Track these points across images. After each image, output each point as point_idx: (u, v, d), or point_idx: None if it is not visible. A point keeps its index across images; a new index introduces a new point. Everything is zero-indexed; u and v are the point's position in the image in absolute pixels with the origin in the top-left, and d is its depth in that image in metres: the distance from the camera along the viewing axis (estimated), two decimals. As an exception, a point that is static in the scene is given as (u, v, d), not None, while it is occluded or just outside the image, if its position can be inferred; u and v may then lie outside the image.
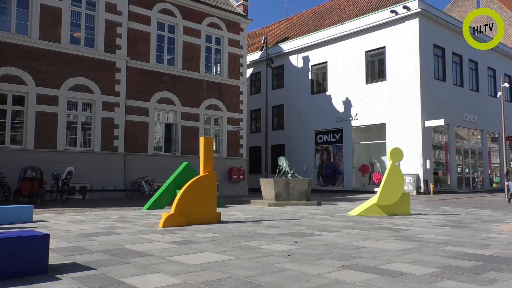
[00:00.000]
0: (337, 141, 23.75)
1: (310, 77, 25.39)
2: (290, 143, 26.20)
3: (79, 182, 15.89)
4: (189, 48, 20.28)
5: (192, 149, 19.92)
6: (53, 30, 16.01)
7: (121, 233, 6.40)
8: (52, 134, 15.74)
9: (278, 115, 27.43)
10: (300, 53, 25.97)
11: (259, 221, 8.36)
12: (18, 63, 15.13)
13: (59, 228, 6.99)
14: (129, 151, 17.89)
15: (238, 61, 22.31)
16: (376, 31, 21.99)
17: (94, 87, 16.85)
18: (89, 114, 16.90)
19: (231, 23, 22.10)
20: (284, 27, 30.83)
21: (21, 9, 15.48)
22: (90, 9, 17.10)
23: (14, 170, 14.09)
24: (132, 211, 10.73)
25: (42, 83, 15.61)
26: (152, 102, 18.84)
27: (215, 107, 21.12)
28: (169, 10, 19.69)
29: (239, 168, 21.46)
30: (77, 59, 16.50)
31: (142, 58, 18.65)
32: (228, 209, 11.76)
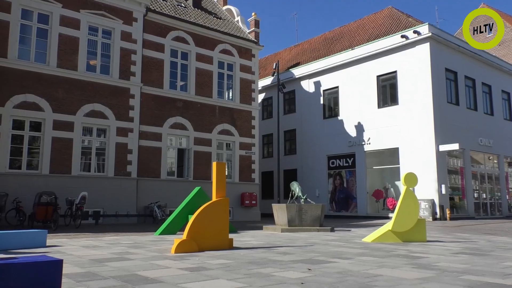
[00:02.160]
0: (350, 165, 23.57)
1: (321, 102, 25.49)
2: (302, 168, 26.08)
3: (92, 207, 15.96)
4: (201, 74, 20.63)
5: (204, 174, 19.95)
6: (70, 58, 16.48)
7: (133, 259, 6.37)
8: (67, 159, 15.97)
9: (290, 140, 27.45)
10: (311, 78, 26.18)
11: (271, 248, 8.25)
12: (36, 90, 15.54)
13: (72, 254, 6.99)
14: (142, 176, 18.00)
15: (250, 86, 22.57)
16: (387, 56, 22.12)
17: (108, 113, 17.16)
18: (103, 140, 17.14)
19: (243, 50, 22.49)
20: (295, 53, 31.24)
21: (40, 39, 16.02)
22: (106, 37, 17.61)
23: (29, 195, 14.25)
24: (145, 237, 10.69)
25: (58, 110, 15.96)
26: (165, 128, 19.05)
27: (228, 132, 21.25)
28: (182, 38, 20.16)
29: (251, 193, 21.36)
30: (92, 86, 16.88)
31: (156, 84, 19.00)
32: (241, 234, 11.64)
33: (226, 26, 22.93)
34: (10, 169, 14.90)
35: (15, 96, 15.09)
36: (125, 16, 18.04)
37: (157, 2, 20.54)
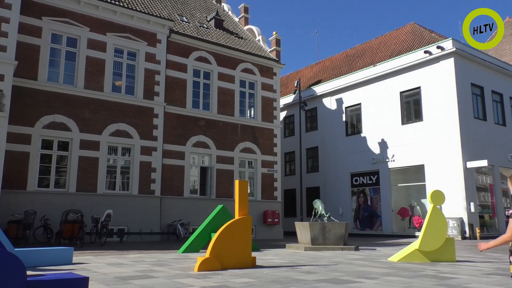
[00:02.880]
0: (374, 183, 23.17)
1: (344, 119, 25.33)
2: (325, 186, 25.80)
3: (117, 224, 16.16)
4: (223, 93, 20.89)
5: (226, 192, 19.98)
6: (97, 80, 16.99)
7: (157, 277, 6.38)
8: (93, 178, 16.30)
9: (312, 158, 27.27)
10: (333, 95, 26.12)
11: (295, 266, 8.13)
12: (64, 111, 16.04)
13: (97, 271, 7.07)
14: (165, 194, 18.17)
15: (272, 104, 22.67)
16: (410, 72, 21.90)
17: (133, 132, 17.51)
18: (128, 158, 17.45)
19: (264, 68, 22.71)
20: (316, 70, 31.32)
21: (69, 62, 16.61)
22: (131, 59, 18.12)
23: (56, 212, 14.56)
24: (168, 254, 10.72)
25: (85, 129, 16.40)
26: (188, 146, 19.28)
27: (249, 150, 21.31)
28: (204, 58, 20.54)
29: (273, 211, 21.22)
30: (118, 106, 17.31)
31: (179, 103, 19.33)
32: (263, 253, 11.54)
33: (248, 45, 23.25)
34: (38, 187, 15.30)
35: (44, 117, 15.61)
36: (149, 38, 18.56)
37: (180, 24, 21.07)
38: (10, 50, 13.48)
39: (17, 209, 13.92)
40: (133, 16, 18.06)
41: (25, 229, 13.35)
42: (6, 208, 13.56)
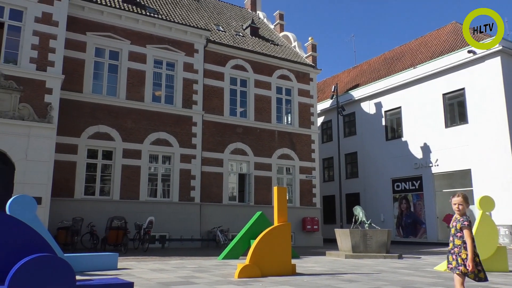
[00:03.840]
0: (417, 189, 22.42)
1: (383, 123, 24.75)
2: (365, 192, 25.24)
3: (158, 231, 16.53)
4: (260, 100, 20.98)
5: (265, 199, 19.98)
6: (138, 90, 17.56)
7: (198, 283, 6.45)
8: (136, 185, 16.80)
9: (352, 163, 26.78)
10: (371, 99, 25.61)
11: (336, 274, 7.97)
12: (108, 121, 16.68)
13: (141, 276, 7.24)
14: (204, 201, 18.42)
15: (309, 110, 22.53)
16: (453, 73, 21.12)
17: (173, 141, 17.91)
18: (168, 166, 17.86)
19: (300, 74, 22.63)
20: (354, 74, 30.85)
21: (111, 74, 17.29)
22: (169, 69, 18.60)
23: (102, 219, 15.10)
24: (208, 261, 10.83)
25: (127, 139, 16.96)
26: (226, 153, 19.47)
27: (287, 157, 21.24)
28: (241, 66, 20.75)
29: (312, 218, 20.98)
30: (158, 115, 17.79)
31: (216, 111, 19.60)
32: (303, 260, 11.41)
33: (283, 52, 23.29)
34: (85, 195, 15.95)
35: (89, 127, 16.30)
36: (187, 48, 18.99)
37: (217, 33, 21.43)
38: (58, 65, 14.20)
39: (66, 216, 14.56)
40: (171, 28, 18.56)
41: (73, 235, 13.94)
42: (55, 215, 14.21)
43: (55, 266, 3.76)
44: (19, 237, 3.93)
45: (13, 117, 13.06)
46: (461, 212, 4.21)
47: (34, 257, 3.73)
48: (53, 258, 3.81)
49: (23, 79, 13.44)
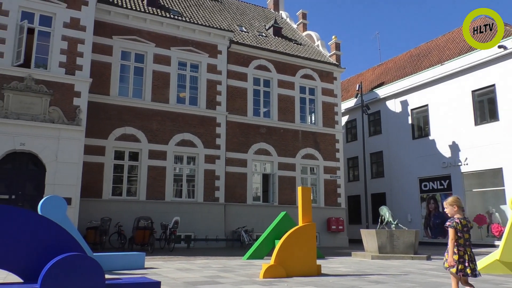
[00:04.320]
0: (445, 188, 21.85)
1: (410, 122, 24.25)
2: (391, 192, 24.80)
3: (184, 231, 16.73)
4: (283, 100, 20.93)
5: (289, 199, 19.92)
6: (163, 92, 17.82)
7: (224, 283, 6.49)
8: (161, 186, 17.05)
9: (377, 162, 26.36)
10: (397, 97, 25.14)
11: (362, 275, 7.87)
12: (134, 123, 17.00)
13: (167, 276, 7.35)
14: (229, 201, 18.52)
15: (333, 109, 22.32)
16: (482, 69, 20.48)
17: (197, 142, 18.09)
18: (192, 167, 18.05)
19: (324, 73, 22.45)
20: (378, 72, 30.37)
21: (137, 76, 17.62)
22: (193, 71, 18.80)
23: (129, 219, 15.41)
24: (233, 261, 10.88)
25: (153, 140, 17.24)
26: (250, 154, 19.52)
27: (311, 156, 21.10)
28: (264, 66, 20.76)
29: (337, 218, 20.77)
30: (182, 116, 18.00)
31: (240, 112, 19.68)
32: (328, 261, 11.32)
33: (307, 51, 23.15)
34: (112, 195, 16.31)
35: (116, 129, 16.65)
36: (211, 49, 19.15)
37: (240, 34, 21.52)
38: (85, 68, 14.58)
39: (94, 216, 14.93)
40: (195, 30, 18.75)
41: (102, 235, 14.27)
42: (84, 216, 14.58)
43: (85, 265, 3.86)
44: (51, 236, 4.05)
45: (44, 120, 13.50)
46: (450, 214, 4.72)
47: (65, 256, 3.84)
48: (83, 257, 3.91)
49: (52, 83, 13.88)
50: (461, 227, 4.52)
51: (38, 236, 3.99)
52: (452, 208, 4.66)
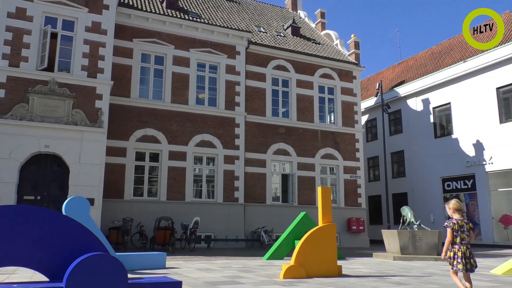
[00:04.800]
0: (469, 188, 21.35)
1: (431, 120, 23.80)
2: (413, 191, 24.38)
3: (204, 231, 16.84)
4: (302, 99, 20.85)
5: (308, 199, 19.82)
6: (182, 94, 17.99)
7: (244, 283, 6.51)
8: (181, 186, 17.21)
9: (398, 162, 25.97)
10: (418, 95, 24.71)
11: (384, 277, 7.76)
12: (154, 124, 17.22)
13: (188, 276, 7.41)
14: (248, 202, 18.55)
15: (352, 108, 22.11)
16: (508, 65, 19.91)
17: (216, 142, 18.19)
18: (212, 167, 18.16)
19: (343, 72, 22.25)
20: (399, 70, 29.91)
21: (157, 78, 17.84)
22: (212, 72, 18.92)
23: (150, 220, 15.62)
24: (253, 261, 10.90)
25: (173, 141, 17.42)
26: (269, 154, 19.51)
27: (331, 156, 20.95)
28: (282, 66, 20.72)
29: (358, 219, 20.55)
30: (201, 117, 18.14)
31: (259, 112, 19.69)
32: (349, 261, 11.21)
33: (325, 50, 23.00)
34: (134, 196, 16.56)
35: (137, 131, 16.90)
36: (229, 50, 19.23)
37: (258, 34, 21.54)
38: (107, 71, 14.86)
39: (116, 216, 15.18)
40: (213, 31, 18.86)
41: (124, 235, 14.50)
42: (107, 216, 14.85)
43: (109, 264, 3.93)
44: (75, 236, 4.14)
45: (67, 122, 13.82)
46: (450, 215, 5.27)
47: (89, 256, 3.92)
48: (106, 257, 3.98)
49: (75, 86, 14.19)
50: (458, 227, 5.02)
51: (62, 236, 4.09)
52: (451, 211, 5.21)
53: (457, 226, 5.03)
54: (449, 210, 5.25)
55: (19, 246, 3.92)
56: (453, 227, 5.03)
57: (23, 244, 3.93)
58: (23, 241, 3.93)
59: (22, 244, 3.93)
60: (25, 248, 3.95)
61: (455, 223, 5.05)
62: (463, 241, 5.00)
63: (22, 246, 3.93)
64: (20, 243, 3.92)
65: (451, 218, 5.16)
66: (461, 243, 4.99)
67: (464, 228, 5.03)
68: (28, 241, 3.95)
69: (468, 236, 5.03)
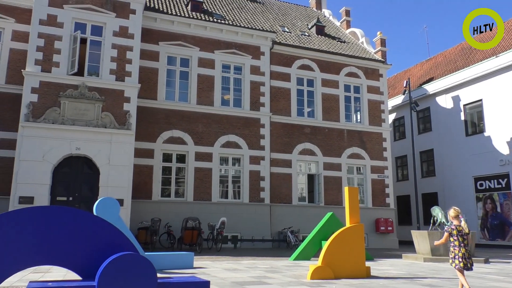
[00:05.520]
0: (504, 187, 20.61)
1: (462, 118, 23.12)
2: (443, 191, 23.74)
3: (230, 231, 16.93)
4: (328, 99, 20.65)
5: (335, 199, 19.62)
6: (207, 95, 18.15)
7: (271, 283, 6.50)
8: (208, 187, 17.37)
9: (428, 161, 25.34)
10: (448, 92, 24.05)
11: (414, 278, 7.59)
12: (180, 126, 17.44)
13: (215, 275, 7.46)
14: (274, 202, 18.52)
15: (379, 107, 21.73)
16: (542, 60, 19.12)
17: (242, 143, 18.26)
18: (238, 168, 18.23)
19: (369, 70, 21.92)
20: (427, 67, 29.20)
21: (182, 80, 18.07)
22: (237, 73, 19.00)
23: (177, 220, 15.82)
24: (280, 261, 10.87)
25: (199, 142, 17.60)
26: (294, 154, 19.42)
27: (357, 156, 20.66)
28: (307, 65, 20.59)
29: (386, 219, 20.18)
30: (227, 118, 18.24)
31: (284, 112, 19.64)
32: (378, 263, 11.02)
33: (351, 49, 22.71)
34: (161, 197, 16.82)
35: (164, 133, 17.16)
36: (254, 51, 19.26)
37: (282, 35, 21.48)
38: (134, 74, 15.17)
39: (145, 217, 15.47)
40: (238, 32, 18.95)
41: (152, 235, 14.75)
42: (135, 216, 15.15)
43: (139, 264, 4.01)
44: (106, 236, 4.24)
45: (97, 125, 14.19)
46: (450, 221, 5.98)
47: (120, 255, 4.00)
48: (137, 257, 4.06)
49: (104, 90, 14.55)
50: (456, 232, 5.72)
51: (94, 236, 4.19)
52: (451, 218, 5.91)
53: (456, 231, 5.73)
54: (449, 217, 5.98)
55: (53, 246, 4.05)
56: (451, 232, 5.78)
57: (57, 243, 4.06)
58: (57, 240, 4.06)
59: (56, 243, 4.06)
60: (59, 248, 4.07)
61: (454, 228, 5.77)
62: (461, 244, 5.65)
63: (56, 246, 4.06)
64: (54, 242, 4.05)
65: (451, 224, 5.89)
66: (460, 245, 5.65)
67: (462, 232, 5.70)
68: (62, 240, 4.07)
69: (466, 239, 5.68)
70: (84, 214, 4.27)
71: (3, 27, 15.25)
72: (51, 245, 4.04)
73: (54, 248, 4.05)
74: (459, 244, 5.65)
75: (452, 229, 5.78)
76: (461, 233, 5.69)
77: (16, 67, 15.05)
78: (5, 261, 3.88)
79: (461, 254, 5.60)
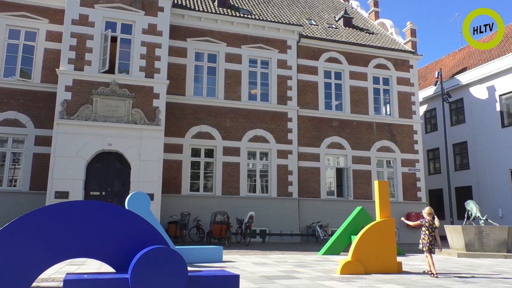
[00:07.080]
0: (543, 180, 19.73)
1: (498, 109, 22.25)
2: (478, 185, 22.98)
3: (259, 226, 17.01)
4: (356, 91, 20.32)
5: (365, 193, 19.34)
6: (235, 90, 18.22)
7: (300, 278, 6.49)
8: (236, 181, 17.48)
9: (461, 154, 24.57)
10: (482, 83, 23.18)
11: (448, 274, 7.41)
12: (208, 121, 17.61)
13: (244, 269, 7.52)
14: (302, 196, 18.45)
15: (410, 99, 21.20)
16: None
17: (269, 137, 18.25)
18: (265, 162, 18.25)
19: (399, 62, 21.39)
20: (460, 57, 28.23)
21: (210, 76, 18.21)
22: (264, 67, 18.96)
23: (206, 214, 16.03)
24: (309, 256, 10.84)
25: (227, 137, 17.72)
26: (322, 148, 19.25)
27: (387, 149, 20.27)
28: (334, 58, 20.31)
29: (418, 213, 19.71)
30: (254, 113, 18.26)
31: (311, 106, 19.47)
32: (409, 258, 10.82)
33: (379, 40, 22.23)
34: (190, 191, 17.07)
35: (192, 128, 17.37)
36: (280, 45, 19.16)
37: (309, 28, 21.25)
38: (163, 71, 15.41)
39: (174, 211, 15.76)
40: (264, 27, 18.89)
41: (182, 229, 15.00)
42: (165, 211, 15.45)
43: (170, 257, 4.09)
44: (137, 230, 4.35)
45: (128, 121, 14.52)
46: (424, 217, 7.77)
47: (152, 248, 4.10)
48: (168, 250, 4.14)
49: (134, 87, 14.87)
50: (428, 225, 7.48)
51: (126, 229, 4.31)
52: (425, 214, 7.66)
53: (428, 223, 7.49)
54: (424, 214, 7.68)
55: (88, 239, 4.19)
56: (425, 224, 7.51)
57: (92, 237, 4.20)
58: (92, 234, 4.19)
59: (91, 237, 4.19)
60: (94, 241, 4.21)
61: (427, 221, 7.51)
62: (430, 234, 7.44)
63: (91, 239, 4.20)
64: (89, 236, 4.19)
65: (425, 218, 7.59)
66: (430, 235, 7.43)
67: (433, 226, 7.48)
68: (96, 234, 4.21)
69: (433, 230, 7.46)
70: (117, 208, 4.39)
71: (37, 27, 15.80)
72: (86, 239, 4.18)
73: (89, 241, 4.19)
74: (429, 234, 7.43)
75: (426, 222, 7.51)
76: (431, 227, 7.46)
77: (51, 67, 15.59)
78: (44, 254, 4.05)
79: (428, 241, 7.39)
